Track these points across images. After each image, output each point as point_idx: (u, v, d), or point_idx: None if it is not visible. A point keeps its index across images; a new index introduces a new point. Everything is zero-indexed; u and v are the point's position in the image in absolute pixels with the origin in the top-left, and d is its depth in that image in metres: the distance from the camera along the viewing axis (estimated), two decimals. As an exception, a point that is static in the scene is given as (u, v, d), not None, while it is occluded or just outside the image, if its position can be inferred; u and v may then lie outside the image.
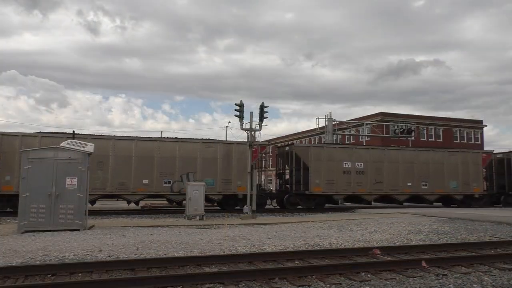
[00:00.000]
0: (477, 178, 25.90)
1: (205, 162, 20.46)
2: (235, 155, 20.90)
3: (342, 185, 22.66)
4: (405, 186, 23.97)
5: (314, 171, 22.22)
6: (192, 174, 20.11)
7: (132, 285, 6.04)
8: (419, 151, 25.26)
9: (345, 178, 22.75)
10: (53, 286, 5.94)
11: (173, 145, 20.19)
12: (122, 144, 19.57)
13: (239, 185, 20.76)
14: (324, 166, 22.42)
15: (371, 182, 23.25)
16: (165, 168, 19.80)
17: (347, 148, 24.30)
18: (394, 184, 23.78)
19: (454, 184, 25.15)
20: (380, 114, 52.61)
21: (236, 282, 6.37)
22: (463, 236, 11.98)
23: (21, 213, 11.98)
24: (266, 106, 18.66)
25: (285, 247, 9.78)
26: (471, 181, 25.53)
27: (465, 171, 25.48)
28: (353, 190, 22.91)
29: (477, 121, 60.74)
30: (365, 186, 23.06)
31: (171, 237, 11.22)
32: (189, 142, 20.81)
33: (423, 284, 6.43)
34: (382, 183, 23.48)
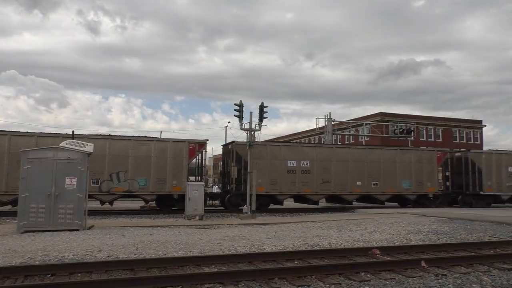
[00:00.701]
0: (431, 177, 24.90)
1: (137, 160, 19.54)
2: (170, 154, 20.10)
3: (287, 184, 21.72)
4: (354, 186, 22.95)
5: (256, 170, 21.10)
6: (123, 173, 19.29)
7: (131, 285, 6.04)
8: (370, 149, 24.41)
9: (290, 178, 21.79)
10: (52, 286, 5.94)
11: (103, 143, 19.21)
12: (47, 141, 18.19)
13: (174, 184, 19.95)
14: (267, 164, 21.44)
15: (318, 181, 22.26)
16: (94, 167, 18.08)
17: (292, 146, 23.18)
18: (342, 183, 22.78)
19: (407, 183, 24.13)
20: (380, 114, 52.65)
21: (236, 282, 6.37)
22: (463, 236, 11.99)
23: (20, 213, 11.98)
24: (266, 106, 18.67)
25: (284, 247, 9.78)
26: (425, 180, 24.58)
27: (419, 170, 24.51)
28: (298, 190, 21.98)
29: (476, 121, 60.81)
30: (311, 186, 21.97)
31: (171, 237, 11.22)
32: (120, 139, 19.81)
33: (422, 284, 6.43)
34: (330, 182, 22.44)
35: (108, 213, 19.47)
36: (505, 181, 25.99)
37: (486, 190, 25.51)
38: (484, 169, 25.56)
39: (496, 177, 25.81)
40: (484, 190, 25.46)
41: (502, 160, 26.21)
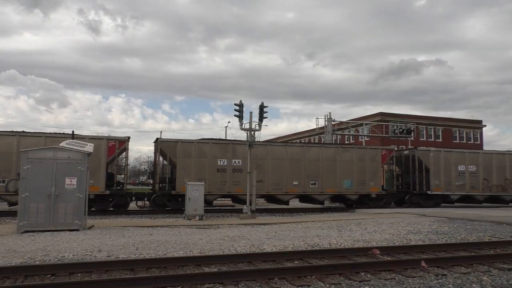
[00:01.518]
0: (374, 176, 23.52)
1: None
2: None
3: (216, 184, 20.66)
4: (290, 186, 21.73)
5: (181, 169, 20.40)
6: None
7: (131, 285, 6.04)
8: (308, 147, 23.25)
9: (220, 177, 20.74)
10: (52, 286, 5.94)
11: (11, 140, 18.22)
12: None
13: (91, 184, 18.52)
14: (194, 163, 20.43)
15: None
16: (0, 166, 17.73)
17: (223, 144, 21.69)
18: (278, 183, 21.64)
19: (348, 183, 22.88)
20: (380, 114, 52.67)
21: (236, 282, 6.38)
22: (463, 236, 11.99)
23: (20, 213, 11.98)
24: (266, 106, 18.66)
25: (284, 247, 9.78)
26: (368, 179, 23.26)
27: (362, 168, 23.24)
28: (229, 189, 20.93)
29: (476, 121, 60.83)
30: (244, 186, 20.29)
31: (171, 237, 11.22)
32: (32, 136, 18.76)
33: (422, 284, 6.43)
34: (264, 182, 21.21)
35: (108, 213, 19.46)
36: (454, 180, 25.05)
37: (434, 189, 24.50)
38: (432, 168, 24.56)
39: (445, 176, 24.86)
40: (431, 190, 24.46)
41: (452, 158, 25.32)
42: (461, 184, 25.19)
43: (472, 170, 25.51)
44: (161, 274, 6.74)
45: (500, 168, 26.19)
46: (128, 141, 20.21)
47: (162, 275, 6.64)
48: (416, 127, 44.26)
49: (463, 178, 25.28)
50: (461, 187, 25.19)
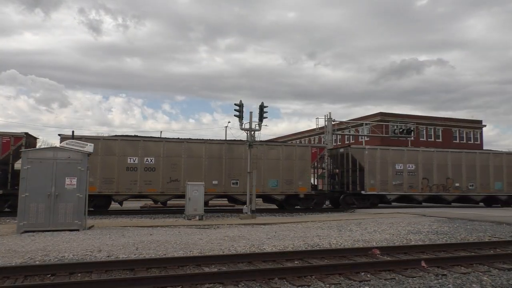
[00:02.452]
0: (303, 175, 21.91)
1: None
2: None
3: (126, 183, 19.31)
4: (209, 185, 20.23)
5: None
6: None
7: (131, 285, 6.04)
8: (229, 145, 21.42)
9: (130, 176, 19.38)
10: (52, 286, 5.94)
11: None
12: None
13: None
14: (100, 161, 18.99)
15: (165, 180, 19.88)
16: None
17: (133, 141, 20.07)
18: None
19: (273, 182, 21.50)
20: (380, 114, 52.69)
21: (236, 282, 6.38)
22: (463, 236, 12.00)
23: (20, 213, 11.98)
24: (266, 106, 18.68)
25: (284, 247, 9.78)
26: (296, 179, 21.65)
27: (289, 167, 21.69)
28: (140, 189, 19.59)
29: (476, 121, 60.84)
30: (156, 185, 19.66)
31: (171, 237, 11.22)
32: None
33: (422, 284, 6.43)
34: (179, 181, 20.04)
35: (108, 213, 19.47)
36: (391, 179, 23.64)
37: (369, 189, 23.07)
38: (366, 167, 23.15)
39: (381, 175, 23.39)
40: (366, 190, 23.05)
41: (389, 156, 23.88)
42: (399, 184, 23.76)
43: (410, 169, 24.18)
44: (161, 274, 6.74)
45: (441, 166, 24.82)
46: (24, 138, 18.65)
47: (162, 275, 6.64)
48: (416, 127, 44.25)
49: (401, 177, 23.89)
50: (399, 187, 23.76)
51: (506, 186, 26.10)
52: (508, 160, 26.37)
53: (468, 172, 25.31)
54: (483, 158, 25.92)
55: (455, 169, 25.09)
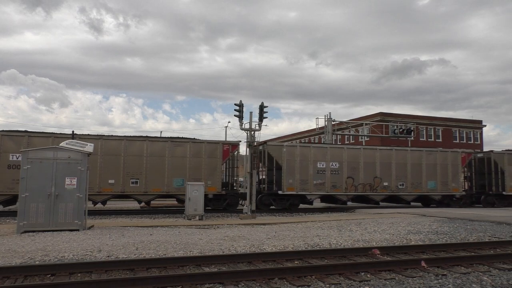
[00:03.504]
0: (212, 174, 20.46)
1: None
2: None
3: (7, 183, 17.68)
4: (105, 185, 18.95)
5: None
6: None
7: (131, 285, 6.05)
8: (129, 141, 19.71)
9: (10, 174, 17.80)
10: (52, 286, 5.94)
11: None
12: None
13: None
14: None
15: None
16: None
17: (17, 136, 18.30)
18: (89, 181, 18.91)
19: (179, 181, 20.13)
20: (380, 114, 52.70)
21: (236, 282, 6.38)
22: (463, 236, 12.00)
23: (20, 213, 11.98)
24: (266, 106, 18.70)
25: (284, 247, 9.78)
26: (204, 178, 20.06)
27: (197, 165, 20.24)
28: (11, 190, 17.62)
29: (476, 121, 60.84)
30: None
31: (171, 237, 11.22)
32: None
33: (422, 284, 6.43)
34: None
35: (108, 213, 19.47)
36: (312, 178, 21.91)
37: (287, 189, 21.59)
38: (284, 165, 21.53)
39: (300, 174, 21.67)
40: (283, 190, 21.63)
41: (310, 154, 22.11)
42: (320, 183, 22.04)
43: (334, 167, 22.41)
44: (161, 274, 6.75)
45: (368, 165, 23.14)
46: None
47: (162, 275, 6.64)
48: (416, 127, 44.27)
49: (323, 177, 22.16)
50: (320, 187, 22.04)
51: (440, 185, 24.61)
52: (442, 158, 24.87)
53: (399, 170, 23.71)
54: (415, 156, 24.28)
55: (384, 168, 23.45)
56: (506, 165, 25.67)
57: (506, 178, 25.55)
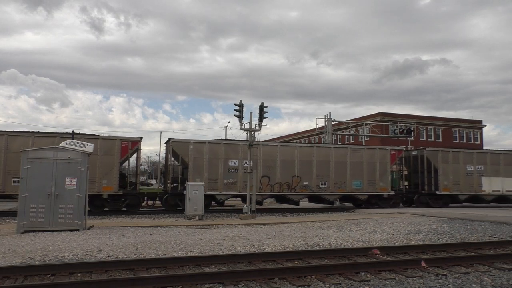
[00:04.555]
0: (109, 172, 19.02)
1: None
2: None
3: None
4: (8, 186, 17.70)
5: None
6: None
7: (131, 285, 6.05)
8: (12, 136, 18.20)
9: None
10: (52, 286, 5.94)
11: None
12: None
13: None
14: None
15: None
16: None
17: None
18: None
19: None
20: (380, 114, 52.71)
21: (236, 282, 6.38)
22: (463, 236, 12.00)
23: (20, 213, 11.98)
24: (266, 106, 18.68)
25: (284, 247, 9.78)
26: (99, 178, 18.77)
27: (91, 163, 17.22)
28: None
29: (476, 121, 60.86)
30: None
31: (171, 237, 11.22)
32: None
33: (422, 284, 6.43)
34: None
35: (108, 213, 19.47)
36: (222, 177, 20.58)
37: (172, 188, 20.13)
38: (191, 163, 20.30)
39: (209, 172, 20.38)
40: (172, 190, 20.36)
41: (220, 151, 20.68)
42: (232, 182, 20.71)
43: (248, 165, 20.36)
44: (161, 274, 6.74)
45: (287, 163, 21.63)
46: None
47: (162, 275, 6.64)
48: (416, 127, 44.26)
49: (235, 175, 20.80)
50: (232, 186, 20.69)
51: (367, 184, 23.01)
52: (369, 156, 23.24)
53: (320, 169, 22.17)
54: (339, 154, 22.71)
55: (304, 166, 21.94)
56: (440, 163, 24.60)
57: (440, 177, 24.46)
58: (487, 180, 25.49)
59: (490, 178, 25.56)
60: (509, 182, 25.86)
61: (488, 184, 25.45)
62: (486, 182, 25.46)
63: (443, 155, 24.88)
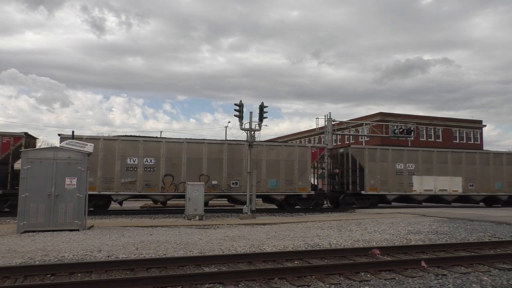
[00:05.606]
0: None
1: None
2: None
3: None
4: None
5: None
6: None
7: (131, 285, 6.04)
8: None
9: None
10: (52, 286, 5.94)
11: None
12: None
13: None
14: None
15: None
16: None
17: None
18: None
19: None
20: (380, 114, 52.72)
21: (236, 282, 6.38)
22: (463, 236, 12.00)
23: (20, 213, 11.98)
24: (266, 106, 18.68)
25: (284, 247, 9.78)
26: None
27: None
28: None
29: (476, 121, 60.86)
30: None
31: (171, 237, 11.22)
32: None
33: (422, 284, 6.43)
34: None
35: (108, 213, 19.47)
36: (119, 176, 19.22)
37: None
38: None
39: (103, 171, 18.92)
40: None
41: (116, 148, 19.26)
42: (130, 182, 19.42)
43: (149, 163, 19.58)
44: (161, 274, 6.75)
45: (193, 161, 20.23)
46: None
47: (162, 275, 6.64)
48: (416, 127, 44.27)
49: (134, 174, 19.40)
50: (131, 186, 19.42)
51: (284, 184, 21.43)
52: (287, 154, 21.67)
53: (232, 167, 20.71)
54: (253, 152, 20.08)
55: (213, 164, 20.49)
56: (367, 161, 23.18)
57: (366, 176, 22.98)
58: (418, 179, 23.99)
59: (422, 177, 24.05)
60: (442, 181, 24.46)
61: (419, 184, 23.94)
62: (417, 181, 23.96)
63: (370, 153, 23.45)
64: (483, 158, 25.75)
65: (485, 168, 25.59)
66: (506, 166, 26.10)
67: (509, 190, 25.98)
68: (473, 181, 25.15)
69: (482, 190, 25.35)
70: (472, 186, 25.14)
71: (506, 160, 26.22)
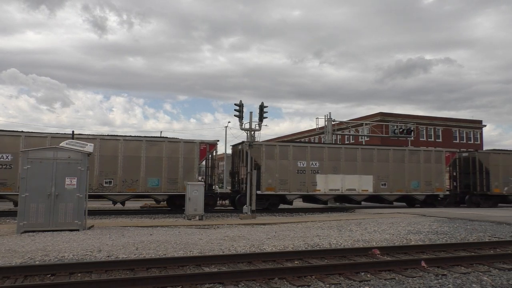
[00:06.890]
0: None
1: None
2: None
3: None
4: None
5: None
6: None
7: (131, 285, 6.05)
8: None
9: None
10: (52, 286, 5.94)
11: None
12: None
13: None
14: None
15: None
16: None
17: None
18: None
19: None
20: (380, 114, 52.72)
21: (236, 282, 6.38)
22: (463, 236, 12.00)
23: (20, 213, 11.98)
24: (266, 106, 18.69)
25: (284, 247, 9.78)
26: None
27: None
28: None
29: (476, 121, 60.86)
30: None
31: (171, 237, 11.22)
32: None
33: (422, 284, 6.43)
34: None
35: (108, 213, 19.47)
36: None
37: None
38: None
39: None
40: None
41: None
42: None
43: (5, 160, 17.41)
44: (161, 274, 6.75)
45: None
46: None
47: (162, 275, 6.64)
48: (416, 127, 44.27)
49: None
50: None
51: (166, 183, 19.62)
52: (170, 150, 19.82)
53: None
54: (130, 147, 19.24)
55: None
56: (264, 159, 21.14)
57: (263, 175, 21.05)
58: (322, 178, 21.94)
59: (327, 175, 22.00)
60: (351, 180, 22.45)
61: (324, 183, 21.91)
62: (322, 180, 21.92)
63: (268, 150, 21.35)
64: (397, 155, 23.62)
65: (400, 166, 23.53)
66: (424, 164, 24.02)
67: (426, 190, 23.99)
68: (386, 180, 23.14)
69: (395, 190, 23.30)
70: (385, 185, 23.15)
71: (423, 158, 24.16)
